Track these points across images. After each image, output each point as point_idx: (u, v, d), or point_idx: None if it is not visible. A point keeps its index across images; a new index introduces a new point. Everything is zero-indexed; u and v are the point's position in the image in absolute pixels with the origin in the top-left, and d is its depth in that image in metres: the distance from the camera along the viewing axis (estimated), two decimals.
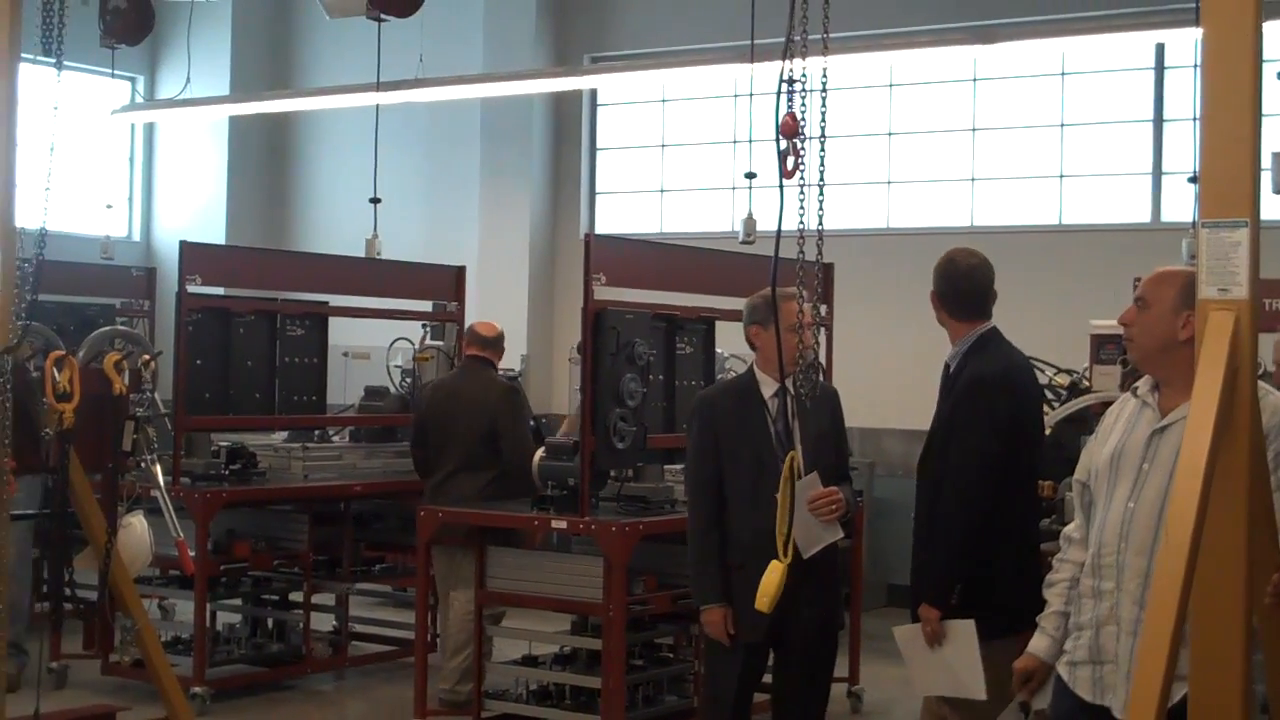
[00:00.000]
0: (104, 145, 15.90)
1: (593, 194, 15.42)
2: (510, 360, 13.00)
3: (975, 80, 13.53)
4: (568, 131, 15.34)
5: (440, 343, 10.34)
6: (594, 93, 15.30)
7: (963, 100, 13.62)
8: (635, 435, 7.54)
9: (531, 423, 9.22)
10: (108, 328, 7.85)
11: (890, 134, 13.93)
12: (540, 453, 7.81)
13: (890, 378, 12.20)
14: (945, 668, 5.40)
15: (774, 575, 5.08)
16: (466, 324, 9.96)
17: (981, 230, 13.05)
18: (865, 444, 12.53)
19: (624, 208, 15.31)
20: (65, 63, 5.71)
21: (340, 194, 15.58)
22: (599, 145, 15.44)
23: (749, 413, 5.82)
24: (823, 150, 4.57)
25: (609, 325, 7.50)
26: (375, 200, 11.39)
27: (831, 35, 4.53)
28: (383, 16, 10.80)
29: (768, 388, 5.84)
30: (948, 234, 12.45)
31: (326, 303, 9.89)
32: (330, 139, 16.15)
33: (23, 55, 5.84)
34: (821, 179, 4.58)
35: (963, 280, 5.64)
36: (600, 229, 14.89)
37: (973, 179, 13.60)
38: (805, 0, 4.41)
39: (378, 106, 12.13)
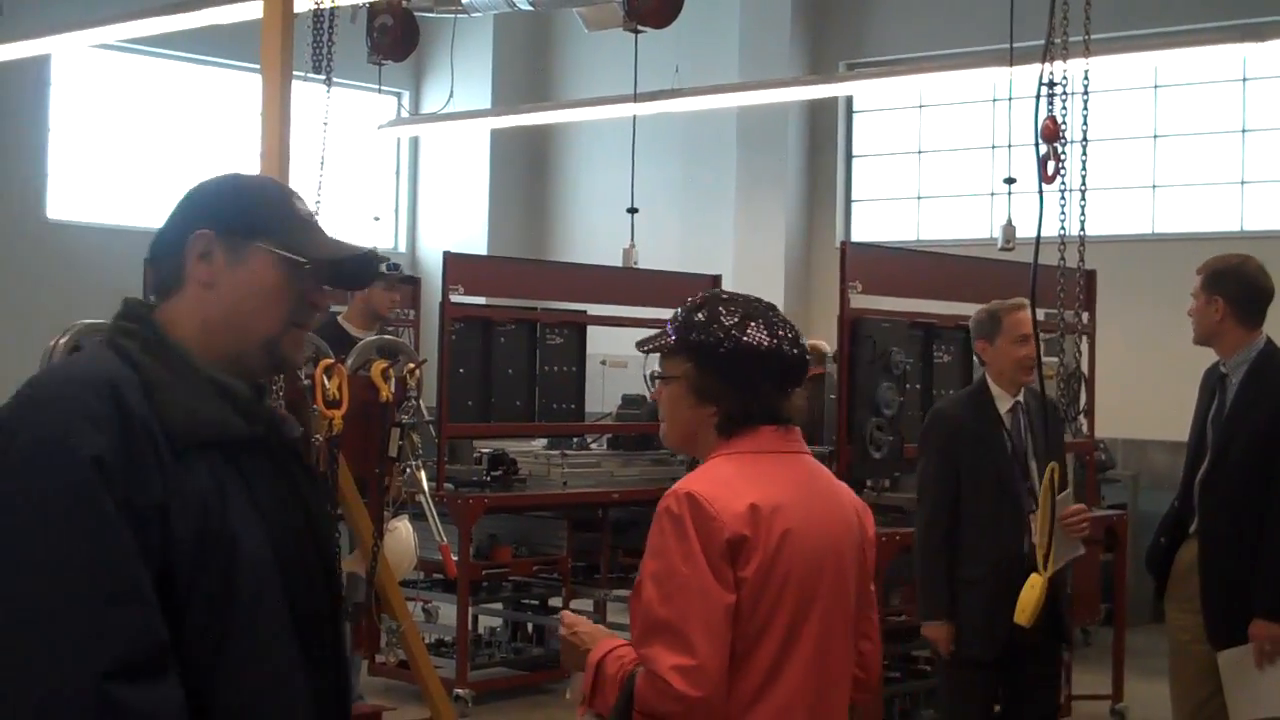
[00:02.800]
0: (372, 159, 16.38)
1: (848, 201, 15.34)
2: None
3: (1244, 80, 13.10)
4: (823, 139, 15.29)
5: None
6: (850, 99, 15.22)
7: (1231, 100, 13.20)
8: (892, 445, 7.47)
9: None
10: (375, 336, 8.02)
11: (1155, 136, 13.57)
12: None
13: (1154, 388, 11.85)
14: (1272, 687, 5.24)
15: (1034, 590, 5.00)
16: None
17: (1252, 235, 12.63)
18: (1129, 456, 12.22)
19: (880, 215, 15.20)
20: (334, 79, 5.88)
21: (598, 204, 15.77)
22: (855, 152, 15.36)
23: (986, 429, 5.72)
24: (1084, 154, 4.48)
25: (865, 334, 7.45)
26: (633, 210, 11.49)
27: (1093, 36, 4.44)
28: (639, 28, 10.90)
29: (1003, 402, 5.73)
30: (1216, 239, 12.08)
31: (585, 311, 10.02)
32: (588, 150, 16.36)
33: (294, 73, 6.04)
34: (1083, 183, 4.49)
35: (1255, 286, 5.47)
36: (856, 236, 14.81)
37: (1242, 182, 13.17)
38: (1066, 1, 4.32)
39: (635, 117, 12.25)
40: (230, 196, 2.53)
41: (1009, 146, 13.08)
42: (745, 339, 3.11)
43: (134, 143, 14.70)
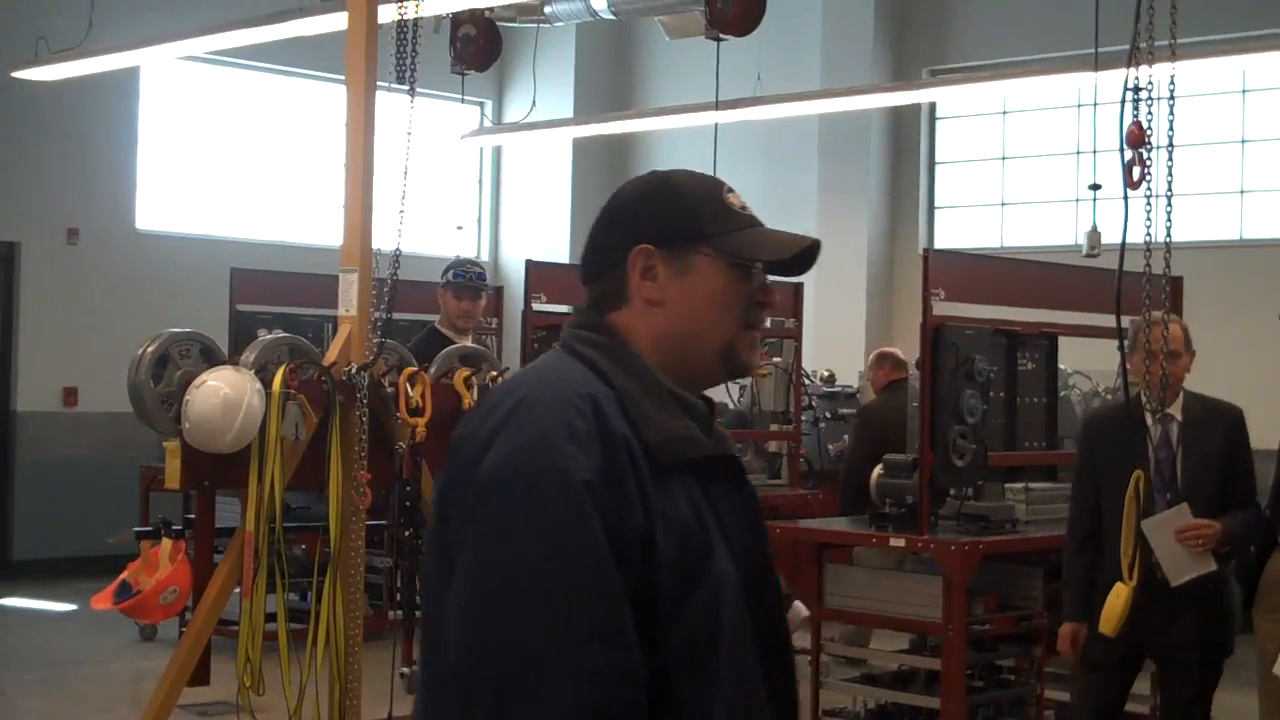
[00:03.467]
0: (455, 168, 16.48)
1: (931, 208, 15.27)
2: (848, 377, 12.97)
3: None
4: (906, 146, 15.23)
5: (778, 359, 10.37)
6: (933, 106, 15.15)
7: None
8: (975, 453, 7.41)
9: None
10: (458, 345, 8.06)
11: (1243, 141, 13.40)
12: (878, 470, 7.76)
13: (1245, 396, 11.66)
14: None
15: (1117, 599, 5.00)
16: (804, 341, 10.01)
17: None
18: None
19: (963, 222, 15.11)
20: (418, 90, 5.94)
21: None
22: (938, 159, 15.28)
23: (1129, 437, 5.72)
24: (1170, 160, 4.44)
25: (948, 341, 7.40)
26: None
27: (1179, 40, 4.39)
28: (721, 36, 10.91)
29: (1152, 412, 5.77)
30: None
31: None
32: (670, 158, 16.36)
33: (379, 83, 6.10)
34: (1169, 189, 4.45)
35: None
36: (939, 244, 14.73)
37: None
38: (1151, 6, 4.29)
39: (716, 125, 12.26)
40: (665, 202, 2.37)
41: (1094, 152, 12.96)
42: None
43: (220, 153, 14.86)
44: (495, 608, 2.04)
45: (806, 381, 11.35)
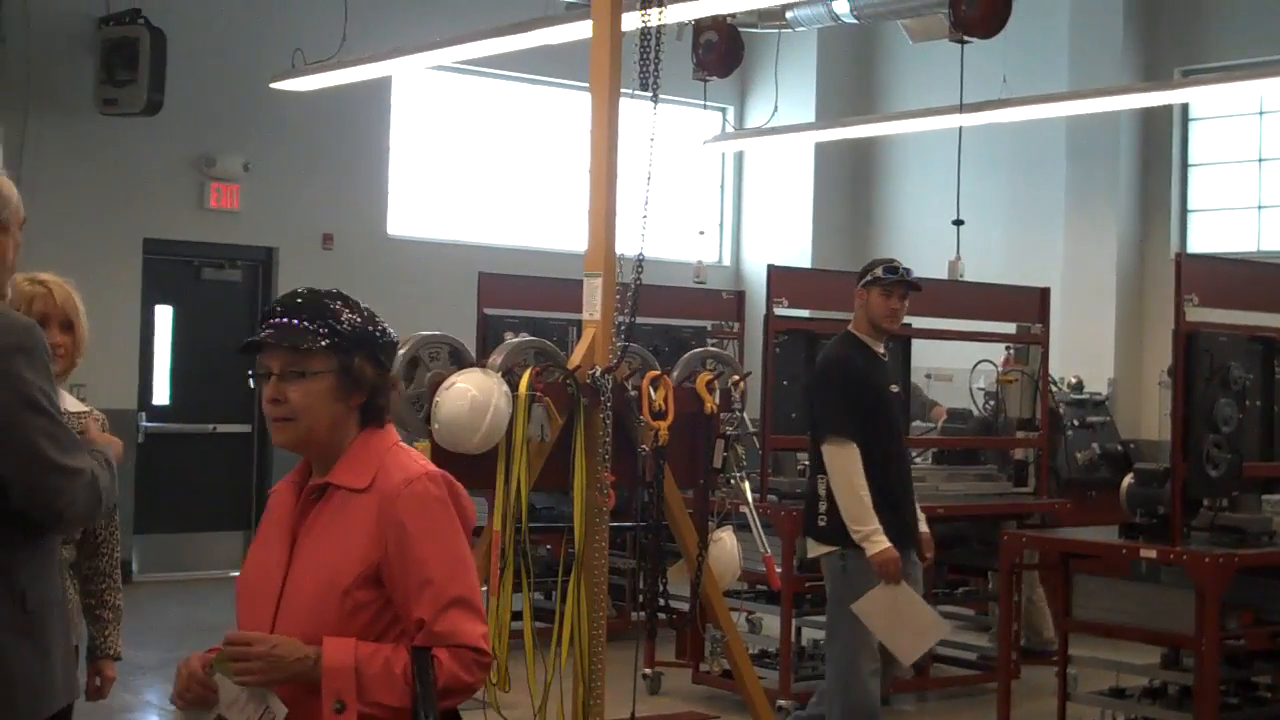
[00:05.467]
0: (697, 174, 16.55)
1: (1184, 212, 14.86)
2: (1097, 384, 12.71)
3: None
4: (1157, 148, 14.84)
5: (1024, 366, 10.21)
6: (1185, 107, 14.75)
7: None
8: (1230, 463, 7.20)
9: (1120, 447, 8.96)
10: (700, 349, 8.13)
11: None
12: (1128, 479, 7.59)
13: None
14: None
15: None
16: (1050, 347, 9.82)
17: None
18: None
19: (1218, 225, 14.67)
20: (660, 96, 5.98)
21: (923, 217, 15.62)
22: (1190, 161, 14.87)
23: None
24: None
25: (1202, 348, 7.21)
26: (958, 222, 11.35)
27: None
28: (965, 39, 10.79)
29: None
30: None
31: (909, 325, 9.93)
32: (913, 162, 16.23)
33: (622, 90, 6.16)
34: None
35: None
36: (1192, 248, 14.35)
37: None
38: None
39: (960, 129, 12.11)
40: None
41: None
42: (390, 331, 3.22)
43: (467, 160, 15.16)
44: None
45: (1053, 389, 11.15)
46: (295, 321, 3.11)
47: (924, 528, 7.00)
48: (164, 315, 13.50)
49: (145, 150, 13.01)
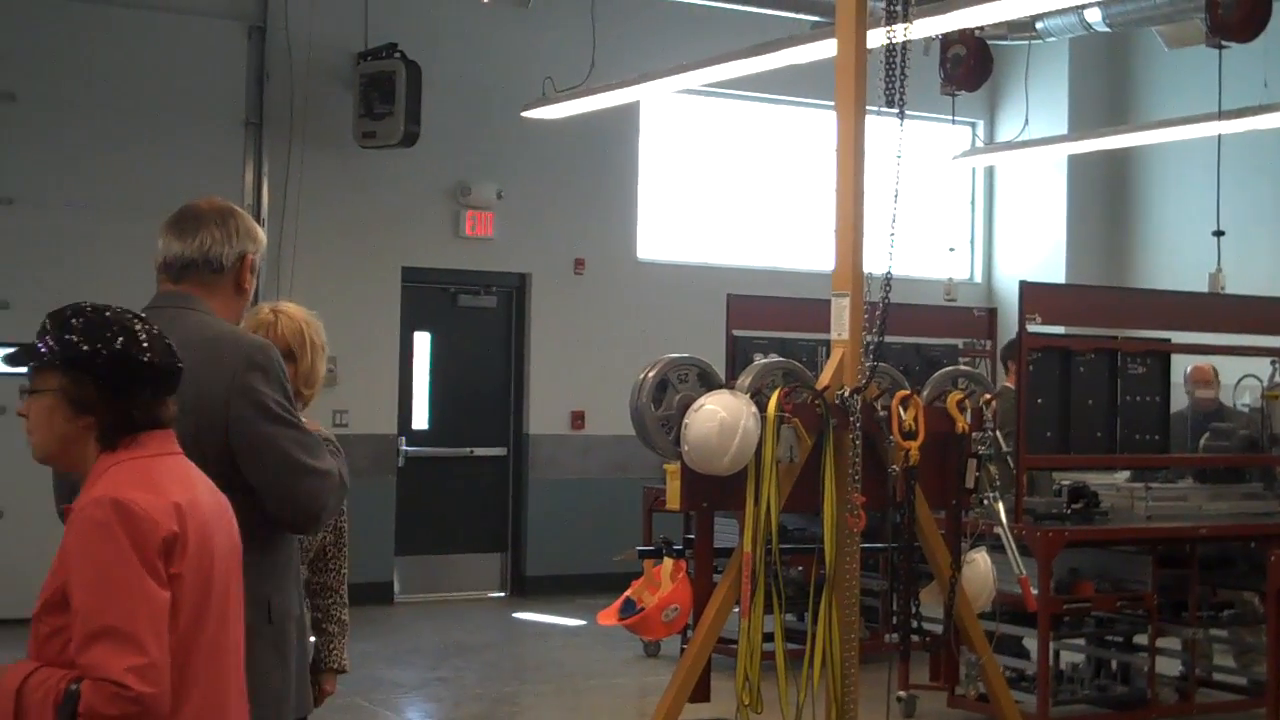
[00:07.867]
0: (946, 190, 16.38)
1: None
2: None
3: None
4: None
5: None
6: None
7: None
8: None
9: None
10: (950, 367, 8.04)
11: None
12: None
13: None
14: None
15: None
16: None
17: None
18: None
19: None
20: (907, 112, 5.94)
21: (1182, 228, 15.19)
22: None
23: None
24: None
25: None
26: (1219, 233, 11.03)
27: None
28: (1223, 43, 10.50)
29: None
30: None
31: (1169, 340, 9.69)
32: (1171, 172, 15.80)
33: (868, 108, 6.14)
34: None
35: None
36: None
37: None
38: None
39: (1219, 136, 11.78)
40: None
41: None
42: (119, 348, 3.12)
43: (714, 182, 15.23)
44: None
45: None
46: (38, 339, 3.18)
47: None
48: (422, 341, 13.84)
49: (403, 181, 13.38)
